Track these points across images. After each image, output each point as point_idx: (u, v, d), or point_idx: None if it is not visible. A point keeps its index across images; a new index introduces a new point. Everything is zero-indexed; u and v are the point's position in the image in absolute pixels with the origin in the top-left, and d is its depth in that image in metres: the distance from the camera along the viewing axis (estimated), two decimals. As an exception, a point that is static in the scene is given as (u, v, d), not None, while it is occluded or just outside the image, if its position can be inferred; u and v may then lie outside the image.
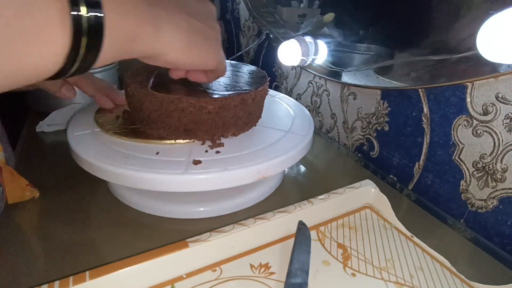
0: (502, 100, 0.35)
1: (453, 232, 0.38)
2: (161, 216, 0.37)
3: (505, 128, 0.35)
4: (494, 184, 0.37)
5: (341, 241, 0.34)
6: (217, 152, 0.35)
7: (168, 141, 0.37)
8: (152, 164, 0.33)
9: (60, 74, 0.19)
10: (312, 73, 0.65)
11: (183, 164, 0.33)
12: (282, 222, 0.33)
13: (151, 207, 0.38)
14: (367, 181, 0.40)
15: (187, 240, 0.29)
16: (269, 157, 0.35)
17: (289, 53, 0.59)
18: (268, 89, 0.43)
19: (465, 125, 0.39)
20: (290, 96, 0.71)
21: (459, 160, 0.40)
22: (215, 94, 0.36)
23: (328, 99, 0.62)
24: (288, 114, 0.46)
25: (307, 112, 0.47)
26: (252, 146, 0.37)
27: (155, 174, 0.31)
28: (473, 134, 0.38)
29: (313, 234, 0.34)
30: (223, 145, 0.36)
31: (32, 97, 0.62)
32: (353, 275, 0.30)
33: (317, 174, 0.50)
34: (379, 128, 0.51)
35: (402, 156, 0.48)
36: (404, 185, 0.48)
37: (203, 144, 0.37)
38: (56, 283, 0.25)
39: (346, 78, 0.56)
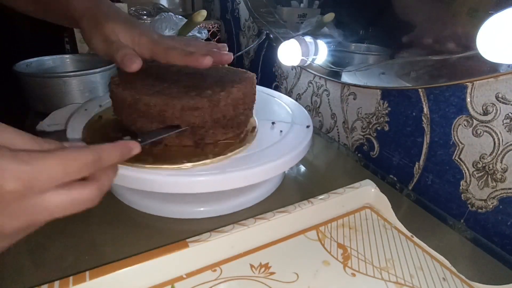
0: (502, 100, 0.35)
1: (453, 232, 0.38)
2: (161, 216, 0.37)
3: (505, 128, 0.35)
4: (494, 184, 0.37)
5: (341, 241, 0.34)
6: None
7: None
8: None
9: None
10: (312, 73, 0.65)
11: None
12: (282, 222, 0.33)
13: (151, 207, 0.38)
14: (367, 181, 0.40)
15: (187, 240, 0.29)
16: (267, 160, 0.34)
17: (289, 53, 0.59)
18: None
19: (465, 125, 0.39)
20: (290, 96, 0.71)
21: (459, 160, 0.40)
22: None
23: (328, 99, 0.62)
24: (286, 114, 0.46)
25: (306, 112, 0.47)
26: (250, 148, 0.37)
27: (156, 176, 0.31)
28: (473, 134, 0.38)
29: (313, 234, 0.35)
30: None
31: (32, 97, 0.62)
32: (353, 275, 0.30)
33: (317, 174, 0.50)
34: (379, 128, 0.51)
35: (402, 156, 0.48)
36: (404, 185, 0.48)
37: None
38: (56, 283, 0.25)
39: (346, 78, 0.56)
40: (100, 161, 0.22)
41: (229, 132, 0.37)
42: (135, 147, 0.26)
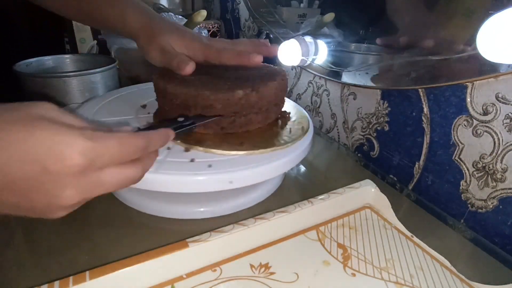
0: (502, 100, 0.35)
1: (453, 232, 0.38)
2: (161, 216, 0.37)
3: (505, 128, 0.35)
4: (494, 184, 0.37)
5: (341, 241, 0.34)
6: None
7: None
8: (157, 164, 0.32)
9: None
10: (312, 73, 0.65)
11: (186, 164, 0.33)
12: (282, 222, 0.33)
13: (151, 207, 0.38)
14: (367, 181, 0.40)
15: (187, 240, 0.29)
16: (268, 160, 0.34)
17: (289, 53, 0.59)
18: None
19: (465, 125, 0.39)
20: (290, 96, 0.71)
21: (459, 160, 0.40)
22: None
23: (328, 99, 0.62)
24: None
25: (306, 114, 0.47)
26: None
27: (160, 175, 0.31)
28: (473, 134, 0.38)
29: (313, 234, 0.35)
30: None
31: (32, 97, 0.62)
32: (353, 275, 0.30)
33: (317, 174, 0.50)
34: (379, 128, 0.51)
35: (402, 156, 0.48)
36: (404, 185, 0.47)
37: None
38: (56, 283, 0.25)
39: (346, 78, 0.56)
40: (149, 147, 0.25)
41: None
42: (171, 134, 0.29)
